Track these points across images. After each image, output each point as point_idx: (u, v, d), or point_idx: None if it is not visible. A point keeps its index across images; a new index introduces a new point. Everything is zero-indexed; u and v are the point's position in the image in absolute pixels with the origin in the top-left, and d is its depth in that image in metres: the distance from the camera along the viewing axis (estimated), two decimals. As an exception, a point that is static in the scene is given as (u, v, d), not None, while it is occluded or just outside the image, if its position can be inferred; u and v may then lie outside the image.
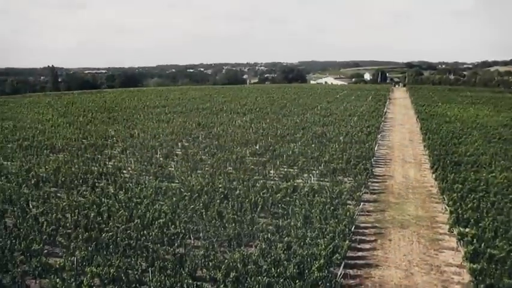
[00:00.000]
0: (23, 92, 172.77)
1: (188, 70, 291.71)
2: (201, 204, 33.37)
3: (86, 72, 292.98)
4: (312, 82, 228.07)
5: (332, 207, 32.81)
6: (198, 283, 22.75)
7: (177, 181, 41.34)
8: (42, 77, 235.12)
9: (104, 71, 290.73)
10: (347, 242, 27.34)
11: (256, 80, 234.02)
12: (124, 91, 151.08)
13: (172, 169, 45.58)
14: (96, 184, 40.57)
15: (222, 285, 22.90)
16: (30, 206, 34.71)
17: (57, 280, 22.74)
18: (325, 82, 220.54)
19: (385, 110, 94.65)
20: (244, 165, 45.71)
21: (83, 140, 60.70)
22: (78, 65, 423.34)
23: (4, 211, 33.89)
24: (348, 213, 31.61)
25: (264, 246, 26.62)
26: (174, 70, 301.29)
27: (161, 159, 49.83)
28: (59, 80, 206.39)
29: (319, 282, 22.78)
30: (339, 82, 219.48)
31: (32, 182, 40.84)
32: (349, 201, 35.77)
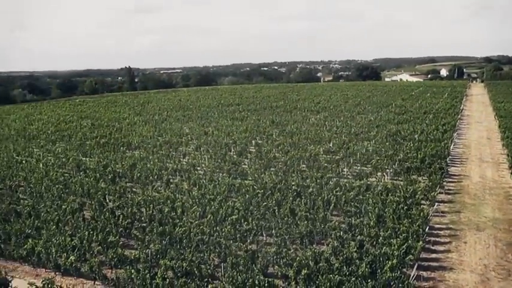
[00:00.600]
0: (101, 92, 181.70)
1: (262, 68, 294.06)
2: (274, 202, 33.49)
3: (162, 72, 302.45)
4: (387, 79, 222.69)
5: (405, 207, 31.88)
6: (270, 280, 22.79)
7: (250, 178, 41.76)
8: (119, 78, 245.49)
9: (179, 71, 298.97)
10: (420, 243, 26.44)
11: (330, 78, 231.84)
12: (199, 90, 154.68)
13: (246, 166, 46.10)
14: (171, 180, 41.77)
15: (293, 283, 22.86)
16: (107, 200, 36.36)
17: (132, 271, 23.58)
18: (400, 79, 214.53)
19: (461, 107, 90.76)
20: (317, 163, 45.42)
21: (158, 138, 62.78)
22: (154, 65, 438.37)
23: (83, 204, 35.82)
24: (421, 214, 30.57)
25: (336, 245, 26.32)
26: (248, 69, 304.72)
27: (235, 156, 50.52)
28: (136, 80, 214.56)
29: (392, 283, 22.22)
30: (414, 79, 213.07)
31: (109, 177, 42.80)
32: (423, 201, 34.56)
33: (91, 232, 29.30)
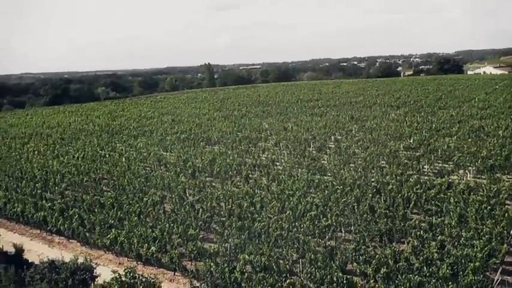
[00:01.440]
0: (181, 88, 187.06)
1: (341, 64, 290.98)
2: (353, 198, 33.18)
3: (241, 68, 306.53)
4: (469, 72, 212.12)
5: (489, 207, 30.38)
6: (348, 277, 22.64)
7: (329, 174, 41.59)
8: (199, 74, 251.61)
9: (258, 67, 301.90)
10: (505, 245, 25.16)
11: (410, 72, 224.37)
12: (278, 85, 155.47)
13: (325, 162, 45.93)
14: (250, 175, 42.43)
15: (372, 281, 22.56)
16: (187, 194, 37.52)
17: (211, 264, 24.21)
18: (484, 72, 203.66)
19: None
20: (397, 160, 44.42)
21: (238, 133, 63.91)
22: (233, 61, 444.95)
23: (163, 197, 37.25)
24: (506, 214, 29.02)
25: (416, 244, 25.65)
26: (327, 64, 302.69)
27: (314, 152, 50.49)
28: (215, 76, 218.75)
29: (474, 287, 21.35)
30: (498, 71, 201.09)
31: (189, 171, 44.11)
32: (508, 201, 32.91)
33: (171, 224, 30.45)
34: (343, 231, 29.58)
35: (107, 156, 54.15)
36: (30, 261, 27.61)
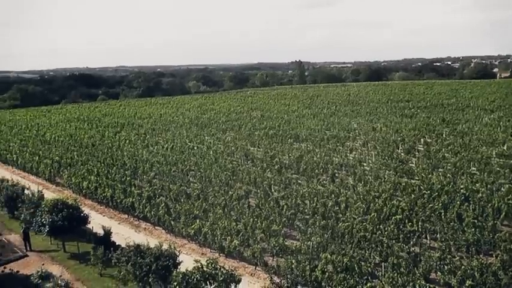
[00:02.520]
0: (272, 84, 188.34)
1: (434, 64, 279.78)
2: (440, 204, 31.77)
3: (332, 66, 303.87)
4: None
5: None
6: (431, 286, 21.73)
7: (416, 178, 40.17)
8: (289, 71, 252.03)
9: (349, 65, 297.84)
10: None
11: (507, 74, 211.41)
12: (368, 85, 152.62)
13: (413, 165, 44.53)
14: (336, 174, 41.93)
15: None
16: (272, 190, 37.63)
17: (293, 261, 24.10)
18: None
19: None
20: (489, 167, 41.94)
21: (326, 131, 63.34)
22: (324, 59, 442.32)
23: (248, 192, 37.61)
24: None
25: (505, 258, 24.06)
26: (419, 64, 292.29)
27: (402, 154, 49.04)
28: (306, 73, 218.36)
29: None
30: None
31: (275, 167, 44.20)
32: None
33: (255, 219, 30.65)
34: (428, 238, 28.52)
35: (195, 148, 55.52)
36: (117, 243, 29.02)
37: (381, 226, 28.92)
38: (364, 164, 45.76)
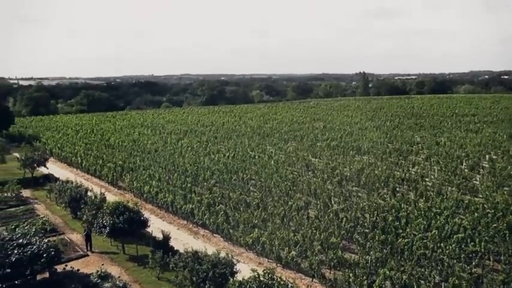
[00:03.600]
0: (335, 95, 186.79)
1: (502, 76, 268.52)
2: (505, 225, 30.37)
3: (396, 78, 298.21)
4: None
5: None
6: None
7: (480, 196, 38.82)
8: (353, 82, 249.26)
9: (413, 77, 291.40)
10: None
11: None
12: (433, 97, 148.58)
13: (477, 182, 43.07)
14: (397, 189, 41.11)
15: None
16: (332, 202, 37.29)
17: (350, 275, 23.81)
18: None
19: None
20: None
21: (388, 144, 62.28)
22: (389, 71, 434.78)
23: (308, 203, 37.47)
24: None
25: None
26: (486, 76, 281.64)
27: (466, 170, 47.41)
28: (369, 85, 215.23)
29: None
30: None
31: (336, 179, 43.84)
32: None
33: (314, 231, 30.47)
34: (491, 259, 27.40)
35: (256, 157, 55.83)
36: (175, 248, 29.60)
37: (441, 244, 28.03)
38: (426, 179, 44.60)
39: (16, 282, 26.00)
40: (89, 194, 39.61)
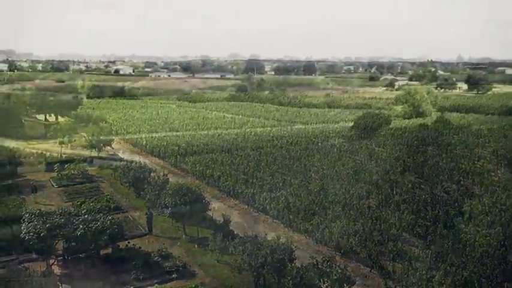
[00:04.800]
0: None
1: None
2: None
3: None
4: None
5: None
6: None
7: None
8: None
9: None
10: None
11: None
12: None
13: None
14: (461, 182, 39.80)
15: None
16: (394, 192, 36.61)
17: (410, 268, 23.47)
18: None
19: None
20: None
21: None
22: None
23: (370, 192, 36.98)
24: None
25: None
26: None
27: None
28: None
29: None
30: None
31: (399, 169, 42.93)
32: None
33: (374, 221, 30.19)
34: None
35: (319, 144, 55.77)
36: (235, 232, 30.04)
37: (505, 242, 27.09)
38: (492, 173, 42.98)
39: (80, 255, 27.51)
40: (152, 174, 40.74)
